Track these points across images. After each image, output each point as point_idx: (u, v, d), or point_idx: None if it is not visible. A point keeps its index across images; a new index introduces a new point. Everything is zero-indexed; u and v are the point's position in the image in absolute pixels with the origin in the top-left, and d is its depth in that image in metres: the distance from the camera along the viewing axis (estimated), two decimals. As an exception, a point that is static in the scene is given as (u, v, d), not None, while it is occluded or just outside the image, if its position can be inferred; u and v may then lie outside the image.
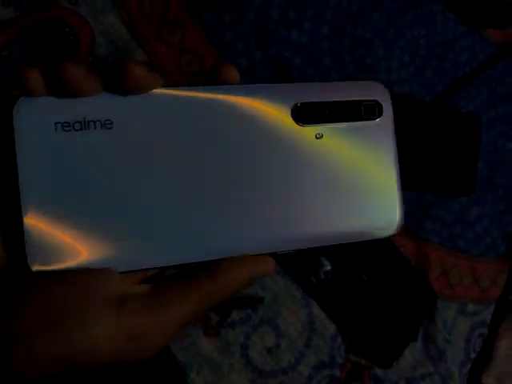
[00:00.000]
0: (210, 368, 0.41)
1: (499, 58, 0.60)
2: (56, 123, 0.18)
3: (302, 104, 0.19)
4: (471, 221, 0.57)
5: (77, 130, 0.18)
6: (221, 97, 0.19)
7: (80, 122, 0.18)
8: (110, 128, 0.18)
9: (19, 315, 0.17)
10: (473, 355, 0.54)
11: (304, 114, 0.19)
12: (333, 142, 0.20)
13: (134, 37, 0.42)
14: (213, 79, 0.20)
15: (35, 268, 0.18)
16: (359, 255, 0.46)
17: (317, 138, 0.20)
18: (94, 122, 0.18)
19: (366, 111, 0.21)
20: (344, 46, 0.51)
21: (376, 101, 0.21)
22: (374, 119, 0.21)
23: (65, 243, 0.18)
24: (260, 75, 0.46)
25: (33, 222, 0.17)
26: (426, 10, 0.56)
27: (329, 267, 0.46)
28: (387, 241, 0.49)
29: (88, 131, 0.18)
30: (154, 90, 0.18)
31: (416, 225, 0.52)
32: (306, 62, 0.48)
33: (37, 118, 0.17)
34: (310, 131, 0.20)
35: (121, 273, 0.19)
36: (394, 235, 0.22)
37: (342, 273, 0.46)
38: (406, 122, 0.51)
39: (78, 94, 0.18)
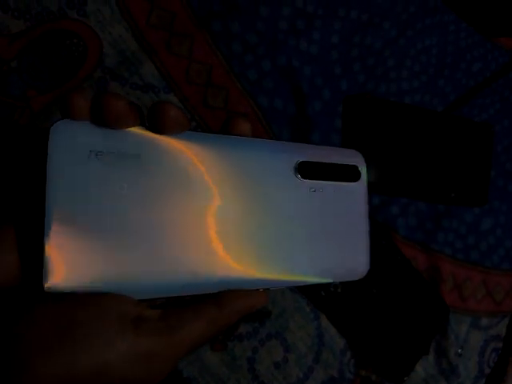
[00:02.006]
0: (217, 383, 0.40)
1: (512, 67, 0.59)
2: (91, 151, 0.18)
3: (303, 162, 0.23)
4: (484, 232, 0.56)
5: (108, 160, 0.19)
6: (236, 147, 0.22)
7: (113, 153, 0.19)
8: (137, 163, 0.19)
9: (28, 335, 0.17)
10: (487, 370, 0.53)
11: (304, 170, 0.23)
12: (322, 197, 0.24)
13: (142, 47, 0.42)
14: (226, 130, 0.22)
15: (48, 286, 0.18)
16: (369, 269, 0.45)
17: (311, 191, 0.23)
18: (125, 154, 0.19)
19: (349, 174, 0.25)
20: (354, 56, 0.50)
21: (357, 167, 0.25)
22: (355, 181, 0.25)
23: (83, 267, 0.18)
24: (269, 85, 0.46)
25: (54, 242, 0.18)
26: (437, 19, 0.56)
27: (338, 280, 0.45)
28: (398, 253, 0.48)
29: (118, 162, 0.19)
30: (185, 132, 0.20)
31: (428, 237, 0.51)
32: (316, 71, 0.48)
33: (73, 142, 0.18)
34: (306, 185, 0.23)
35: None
36: (360, 279, 0.25)
37: (352, 286, 0.45)
38: (417, 132, 0.51)
39: (117, 125, 0.19)
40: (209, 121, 0.43)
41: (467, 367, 0.51)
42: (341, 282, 0.45)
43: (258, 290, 0.22)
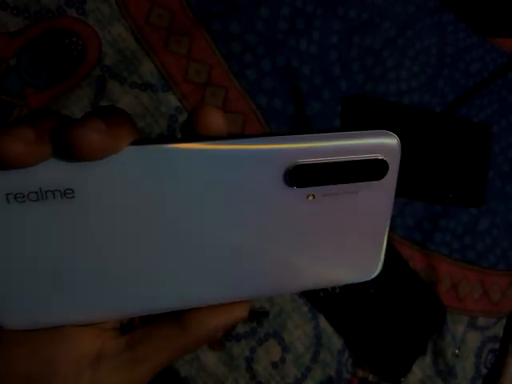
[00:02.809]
0: (214, 383, 0.40)
1: (510, 68, 0.59)
2: (7, 194, 0.16)
3: (296, 166, 0.17)
4: (481, 232, 0.56)
5: (32, 201, 0.16)
6: (202, 156, 0.16)
7: (35, 193, 0.16)
8: (71, 197, 0.16)
9: None
10: (484, 371, 0.53)
11: (298, 177, 0.17)
12: (325, 203, 0.18)
13: (141, 46, 0.42)
14: (192, 127, 0.17)
15: (10, 327, 0.17)
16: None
17: (308, 199, 0.18)
18: (53, 191, 0.16)
19: (370, 171, 0.18)
20: (353, 56, 0.50)
21: (382, 160, 0.18)
22: (377, 180, 0.18)
23: (26, 306, 0.17)
24: (268, 85, 0.46)
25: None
26: (436, 19, 0.56)
27: (336, 280, 0.45)
28: (395, 254, 0.48)
29: (46, 201, 0.16)
30: (124, 149, 0.16)
31: (425, 237, 0.51)
32: (315, 71, 0.48)
33: None
34: (302, 193, 0.17)
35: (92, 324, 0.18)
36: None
37: (349, 286, 0.45)
38: (415, 132, 0.51)
39: (23, 165, 0.15)
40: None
41: (464, 368, 0.52)
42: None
43: (237, 301, 0.19)
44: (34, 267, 0.17)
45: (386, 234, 0.20)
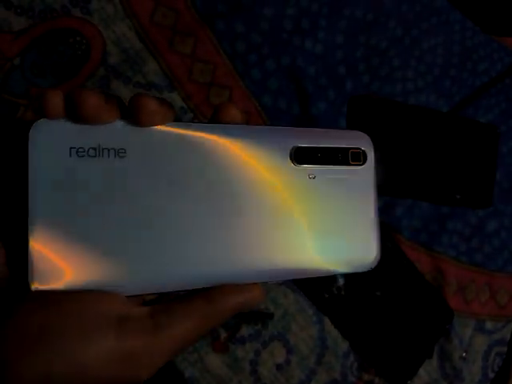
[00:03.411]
0: (218, 385, 0.40)
1: (518, 68, 0.59)
2: (71, 148, 0.18)
3: (299, 147, 0.22)
4: (489, 234, 0.55)
5: (91, 157, 0.18)
6: (227, 136, 0.21)
7: (94, 149, 0.18)
8: (123, 157, 0.19)
9: (12, 335, 0.17)
10: (491, 375, 0.52)
11: (300, 156, 0.22)
12: (323, 183, 0.22)
13: (145, 46, 0.42)
14: (217, 119, 0.21)
15: (35, 286, 0.18)
16: (372, 271, 0.45)
17: (310, 178, 0.22)
18: (109, 149, 0.18)
19: (353, 158, 0.23)
20: (359, 56, 0.50)
21: (362, 149, 0.23)
22: (359, 165, 0.23)
23: (69, 266, 0.18)
24: (273, 86, 0.45)
25: (38, 242, 0.17)
26: (443, 18, 0.55)
27: (342, 282, 0.45)
28: (402, 256, 0.47)
29: (101, 158, 0.18)
30: (166, 124, 0.19)
31: (432, 239, 0.51)
32: (320, 71, 0.47)
33: (52, 141, 0.18)
34: (304, 171, 0.22)
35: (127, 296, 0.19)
36: (371, 269, 0.24)
37: (355, 288, 0.45)
38: (422, 132, 0.50)
39: (95, 121, 0.18)
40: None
41: (471, 371, 0.51)
42: (346, 281, 0.44)
43: (254, 283, 0.21)
44: (81, 224, 0.18)
45: (376, 219, 0.24)
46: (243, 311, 0.21)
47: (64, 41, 0.39)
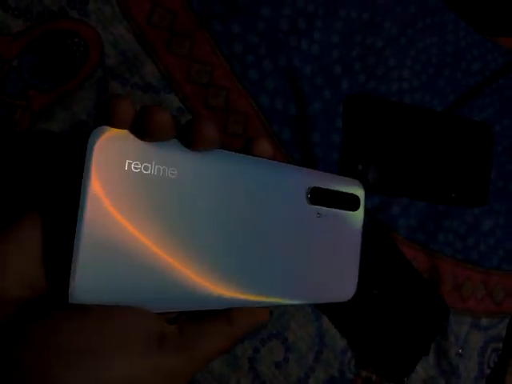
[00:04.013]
0: (217, 383, 0.40)
1: (512, 67, 0.59)
2: (128, 161, 0.18)
3: (314, 188, 0.24)
4: (484, 232, 0.56)
5: (144, 172, 0.19)
6: (257, 169, 0.22)
7: (149, 165, 0.19)
8: (173, 176, 0.19)
9: (54, 345, 0.17)
10: (487, 371, 0.53)
11: (314, 196, 0.24)
12: (325, 222, 0.25)
13: (143, 47, 0.42)
14: (248, 150, 0.23)
15: (76, 299, 0.18)
16: (370, 269, 0.45)
17: (317, 216, 0.24)
18: (161, 167, 0.19)
19: (351, 203, 0.26)
20: (354, 55, 0.50)
21: (357, 197, 0.26)
22: (354, 210, 0.26)
23: (108, 280, 0.18)
24: (270, 86, 0.46)
25: (83, 253, 0.17)
26: (437, 18, 0.56)
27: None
28: (399, 254, 0.48)
29: (154, 175, 0.19)
30: (216, 150, 0.21)
31: (428, 237, 0.51)
32: (316, 71, 0.48)
33: (111, 150, 0.18)
34: (314, 210, 0.24)
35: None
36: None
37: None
38: (417, 131, 0.51)
39: (158, 138, 0.19)
40: (210, 121, 0.43)
41: (467, 368, 0.51)
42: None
43: (264, 308, 0.23)
44: (125, 239, 0.18)
45: (358, 261, 0.27)
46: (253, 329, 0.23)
47: (62, 42, 0.40)
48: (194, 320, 0.21)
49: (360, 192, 0.27)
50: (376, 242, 0.47)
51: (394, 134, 0.49)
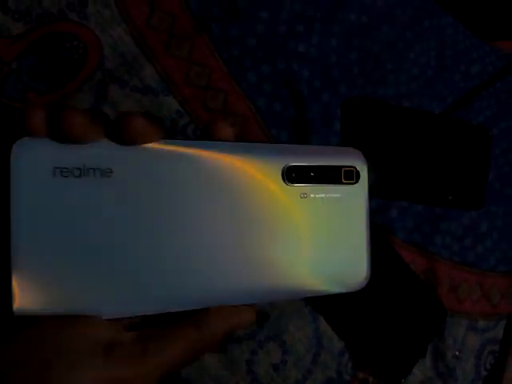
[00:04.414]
0: (216, 385, 0.40)
1: (510, 70, 0.59)
2: (55, 168, 0.17)
3: (290, 166, 0.21)
4: (481, 235, 0.56)
5: (76, 177, 0.18)
6: (217, 153, 0.20)
7: (80, 169, 0.18)
8: (109, 177, 0.18)
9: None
10: (484, 373, 0.53)
11: (292, 175, 0.21)
12: (315, 202, 0.22)
13: (142, 50, 0.42)
14: (207, 135, 0.21)
15: (18, 311, 0.17)
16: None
17: (301, 197, 0.22)
18: (94, 169, 0.18)
19: (346, 176, 0.23)
20: (352, 59, 0.51)
21: (355, 167, 0.23)
22: (352, 184, 0.23)
23: (51, 288, 0.17)
24: (268, 89, 0.46)
25: (21, 264, 0.17)
26: (435, 22, 0.56)
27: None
28: (396, 256, 0.48)
29: (87, 178, 0.18)
30: (158, 142, 0.19)
31: (425, 239, 0.51)
32: (315, 74, 0.48)
33: (35, 160, 0.17)
34: (296, 190, 0.22)
35: (107, 320, 0.18)
36: (361, 289, 0.24)
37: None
38: (415, 134, 0.51)
39: (79, 140, 0.18)
40: (208, 123, 0.43)
41: (464, 370, 0.52)
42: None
43: (244, 305, 0.20)
44: (64, 246, 0.18)
45: (368, 239, 0.23)
46: (234, 333, 0.21)
47: (61, 45, 0.40)
48: (160, 325, 0.19)
49: (358, 162, 0.23)
50: (374, 244, 0.47)
51: (392, 137, 0.50)
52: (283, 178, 0.21)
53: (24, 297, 0.17)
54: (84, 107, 0.39)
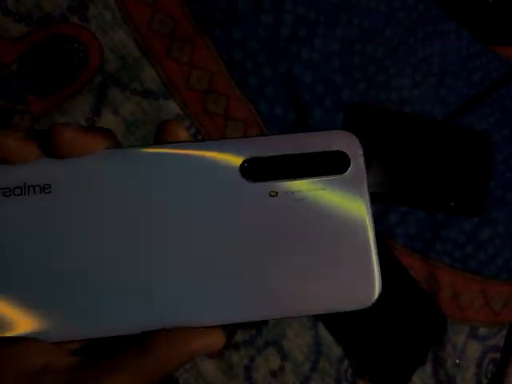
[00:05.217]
0: (213, 392, 0.40)
1: (513, 77, 0.59)
2: None
3: (251, 159, 0.18)
4: (483, 241, 0.55)
5: (16, 195, 0.17)
6: (166, 157, 0.18)
7: (20, 188, 0.17)
8: (48, 192, 0.18)
9: None
10: (484, 381, 0.52)
11: (254, 170, 0.18)
12: (290, 201, 0.18)
13: (143, 53, 0.42)
14: (160, 138, 0.19)
15: None
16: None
17: (271, 195, 0.18)
18: (34, 186, 0.17)
19: (330, 165, 0.18)
20: (355, 64, 0.50)
21: (342, 152, 0.18)
22: (340, 174, 0.18)
23: None
24: (270, 93, 0.46)
25: None
26: (439, 27, 0.56)
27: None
28: (396, 262, 0.48)
29: (28, 196, 0.17)
30: (98, 152, 0.18)
31: (426, 246, 0.51)
32: (317, 79, 0.48)
33: None
34: (261, 188, 0.18)
35: (52, 343, 0.17)
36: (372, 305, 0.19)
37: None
38: (417, 140, 0.51)
39: (15, 160, 0.17)
40: (208, 127, 0.43)
41: (465, 378, 0.51)
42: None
43: (212, 327, 0.17)
44: (7, 264, 0.17)
45: (373, 240, 0.18)
46: (195, 357, 0.17)
47: (62, 47, 0.40)
48: (108, 351, 0.17)
49: (348, 146, 0.18)
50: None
51: (394, 143, 0.49)
52: (243, 175, 0.18)
53: None
54: (84, 110, 0.39)
